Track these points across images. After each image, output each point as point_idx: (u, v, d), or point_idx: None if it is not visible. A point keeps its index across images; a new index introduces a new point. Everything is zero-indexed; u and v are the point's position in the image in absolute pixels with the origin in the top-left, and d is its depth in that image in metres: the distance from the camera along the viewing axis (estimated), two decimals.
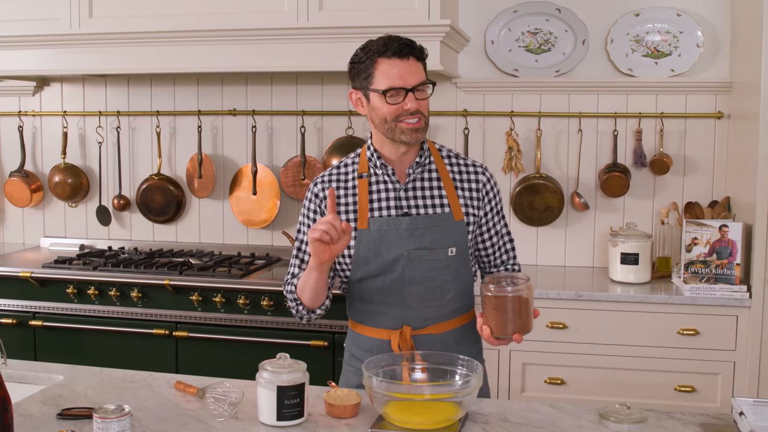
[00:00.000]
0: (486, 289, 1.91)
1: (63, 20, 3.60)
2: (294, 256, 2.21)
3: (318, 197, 2.16)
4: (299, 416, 1.79)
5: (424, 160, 2.13)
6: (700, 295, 3.12)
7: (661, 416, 1.85)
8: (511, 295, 1.88)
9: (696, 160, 3.63)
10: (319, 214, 2.14)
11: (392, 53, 1.99)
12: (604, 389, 3.18)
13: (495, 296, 1.89)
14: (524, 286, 1.90)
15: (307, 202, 2.18)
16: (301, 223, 2.19)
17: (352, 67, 2.09)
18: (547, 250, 3.79)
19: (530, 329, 1.93)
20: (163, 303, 3.43)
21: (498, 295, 1.89)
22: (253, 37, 3.37)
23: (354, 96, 2.11)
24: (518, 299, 1.89)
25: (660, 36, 3.59)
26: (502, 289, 1.89)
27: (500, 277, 1.96)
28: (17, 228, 4.38)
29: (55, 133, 4.24)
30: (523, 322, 1.91)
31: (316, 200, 2.16)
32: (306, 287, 2.05)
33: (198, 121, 4.01)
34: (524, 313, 1.90)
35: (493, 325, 1.92)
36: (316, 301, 2.08)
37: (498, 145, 3.77)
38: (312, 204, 2.16)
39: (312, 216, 2.16)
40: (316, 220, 2.14)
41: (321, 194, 2.15)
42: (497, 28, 3.72)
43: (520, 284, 1.90)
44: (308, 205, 2.18)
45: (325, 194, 2.14)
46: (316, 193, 2.16)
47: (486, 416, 1.86)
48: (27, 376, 2.17)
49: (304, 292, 2.07)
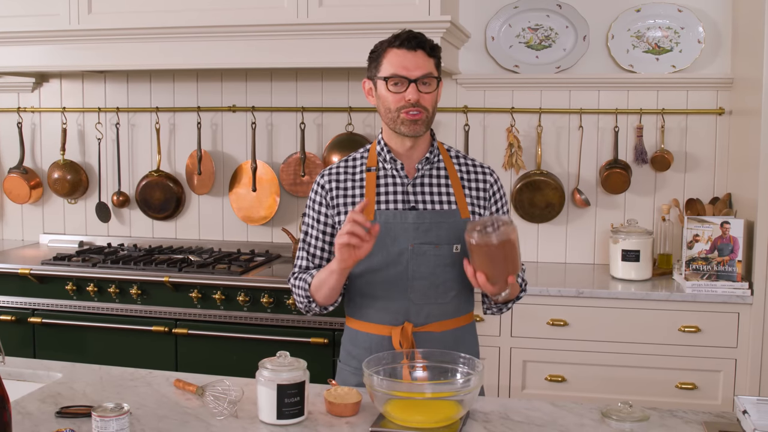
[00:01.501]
0: (475, 237, 1.90)
1: (62, 16, 3.59)
2: (300, 248, 2.20)
3: (324, 189, 2.15)
4: (299, 414, 1.78)
5: (433, 157, 2.14)
6: (702, 292, 3.11)
7: (663, 415, 1.84)
8: (499, 240, 1.87)
9: (697, 157, 3.62)
10: (325, 206, 2.14)
11: (400, 43, 2.03)
12: (605, 386, 3.17)
13: (486, 245, 1.88)
14: (511, 229, 1.90)
15: (312, 194, 2.18)
16: (305, 215, 2.19)
17: (368, 58, 2.13)
18: (548, 247, 3.78)
19: (519, 268, 1.96)
20: (162, 300, 3.42)
21: (490, 243, 1.87)
22: (252, 33, 3.36)
23: (366, 85, 2.14)
24: (508, 243, 1.89)
25: (661, 32, 3.58)
26: (489, 236, 1.88)
27: (484, 222, 1.93)
28: (16, 224, 4.37)
29: (54, 130, 4.23)
30: (514, 264, 1.93)
31: (321, 192, 2.15)
32: (323, 287, 2.06)
33: (197, 118, 4.00)
34: (513, 255, 1.92)
35: (488, 272, 1.92)
36: (330, 299, 2.10)
37: (498, 142, 3.76)
38: (318, 196, 2.16)
39: (317, 208, 2.16)
40: (321, 212, 2.15)
41: (327, 186, 2.15)
42: (498, 24, 3.71)
43: (504, 227, 1.89)
44: (314, 197, 2.17)
45: (331, 187, 2.14)
46: (322, 185, 2.16)
47: (487, 414, 1.85)
48: (25, 374, 2.16)
49: (320, 291, 2.08)
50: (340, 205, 2.12)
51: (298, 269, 2.19)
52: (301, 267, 2.18)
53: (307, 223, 2.19)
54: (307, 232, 2.18)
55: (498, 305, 2.20)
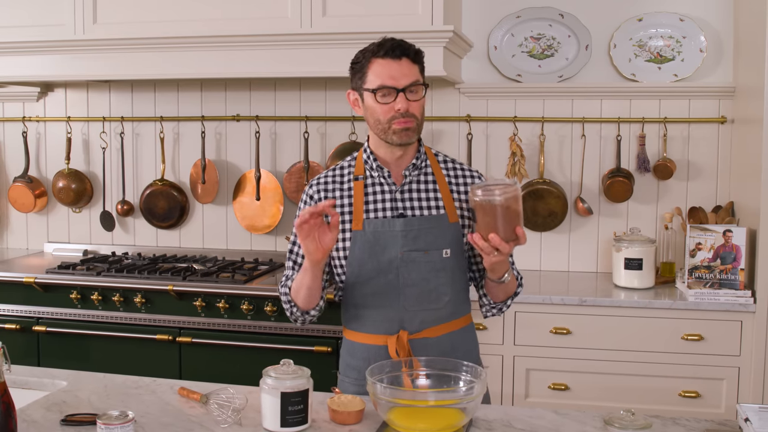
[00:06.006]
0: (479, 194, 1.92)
1: (67, 26, 3.61)
2: (288, 258, 2.21)
3: (313, 199, 2.16)
4: (303, 422, 1.79)
5: (420, 162, 2.15)
6: (705, 300, 3.11)
7: (666, 422, 1.85)
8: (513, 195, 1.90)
9: (699, 165, 3.62)
10: None
11: (385, 53, 2.01)
12: (608, 395, 3.17)
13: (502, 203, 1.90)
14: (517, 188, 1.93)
15: (302, 204, 2.19)
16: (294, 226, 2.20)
17: (351, 69, 2.12)
18: (551, 256, 3.78)
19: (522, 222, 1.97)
20: (166, 308, 3.43)
21: (507, 197, 1.90)
22: (256, 42, 3.38)
23: (351, 96, 2.13)
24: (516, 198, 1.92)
25: (663, 41, 3.59)
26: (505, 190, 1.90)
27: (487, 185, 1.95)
28: (21, 233, 4.39)
29: (59, 139, 4.25)
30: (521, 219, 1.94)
31: (311, 202, 2.17)
32: (301, 289, 2.07)
33: (201, 127, 4.02)
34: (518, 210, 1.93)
35: (501, 230, 1.92)
36: (310, 303, 2.10)
37: (501, 151, 3.77)
38: (307, 206, 2.17)
39: None
40: None
41: (316, 196, 2.16)
42: (500, 33, 3.72)
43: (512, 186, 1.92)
44: (303, 207, 2.18)
45: (320, 197, 2.15)
46: (311, 195, 2.17)
47: (490, 422, 1.86)
48: (30, 382, 2.16)
49: (299, 294, 2.08)
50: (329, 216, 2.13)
51: (285, 278, 2.19)
52: (288, 277, 2.19)
53: (295, 233, 2.19)
54: (295, 242, 2.18)
55: (497, 305, 2.18)
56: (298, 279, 2.08)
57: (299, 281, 2.07)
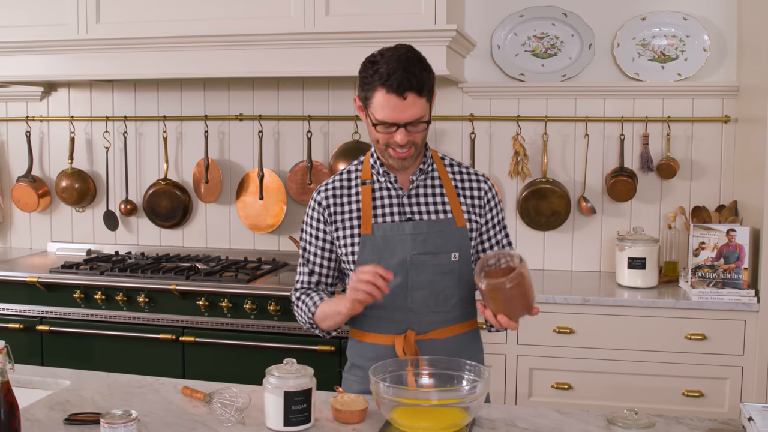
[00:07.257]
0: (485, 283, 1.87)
1: (70, 26, 3.62)
2: (300, 263, 2.21)
3: (321, 206, 2.16)
4: (306, 422, 1.79)
5: (427, 167, 2.15)
6: (708, 299, 3.11)
7: (669, 422, 1.84)
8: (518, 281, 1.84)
9: (703, 164, 3.62)
10: (323, 223, 2.15)
11: (390, 89, 1.94)
12: (611, 394, 3.17)
13: (505, 287, 1.84)
14: (524, 267, 1.86)
15: (310, 210, 2.19)
16: (303, 231, 2.20)
17: (359, 75, 2.05)
18: (554, 255, 3.78)
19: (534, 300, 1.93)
20: (169, 308, 3.43)
21: (509, 285, 1.84)
22: (259, 42, 3.38)
23: (357, 102, 2.11)
24: (521, 281, 1.85)
25: (666, 40, 3.58)
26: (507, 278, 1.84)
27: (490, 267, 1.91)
28: (24, 233, 4.39)
29: (62, 138, 4.25)
30: (532, 297, 1.91)
31: (319, 208, 2.16)
32: (327, 320, 2.10)
33: (205, 126, 4.02)
34: (528, 290, 1.89)
35: (509, 312, 1.90)
36: (334, 329, 2.15)
37: (504, 150, 3.77)
38: (315, 212, 2.17)
39: (315, 225, 2.16)
40: (320, 228, 2.16)
41: (324, 202, 2.15)
42: (503, 32, 3.72)
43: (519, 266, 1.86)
44: (311, 213, 2.18)
45: (328, 203, 2.15)
46: (319, 201, 2.16)
47: (493, 422, 1.86)
48: (34, 381, 2.17)
49: (325, 323, 2.11)
50: (338, 221, 2.13)
51: (300, 284, 2.21)
52: (302, 282, 2.21)
53: (305, 239, 2.20)
54: (306, 248, 2.19)
55: None
56: (326, 312, 2.09)
57: (327, 315, 2.08)
